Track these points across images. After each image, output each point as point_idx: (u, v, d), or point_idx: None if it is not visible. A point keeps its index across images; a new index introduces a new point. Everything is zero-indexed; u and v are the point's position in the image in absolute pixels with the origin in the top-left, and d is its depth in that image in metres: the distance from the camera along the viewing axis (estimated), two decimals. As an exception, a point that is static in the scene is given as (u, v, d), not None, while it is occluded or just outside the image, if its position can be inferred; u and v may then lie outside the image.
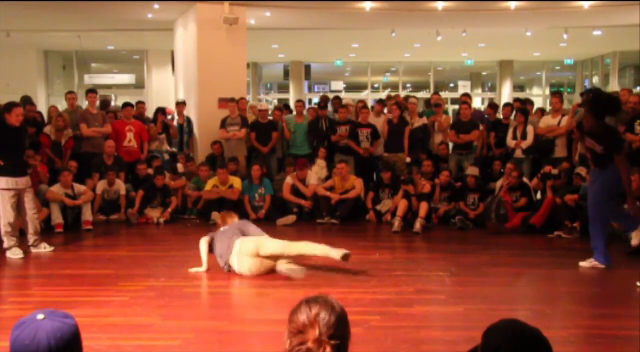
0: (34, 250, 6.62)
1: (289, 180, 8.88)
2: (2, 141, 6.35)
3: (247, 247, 5.49)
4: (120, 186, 8.67)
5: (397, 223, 7.86)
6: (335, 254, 5.52)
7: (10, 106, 6.47)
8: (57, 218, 7.80)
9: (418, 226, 7.78)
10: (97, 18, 12.36)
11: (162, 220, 8.54)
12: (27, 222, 6.61)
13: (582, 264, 5.97)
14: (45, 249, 6.68)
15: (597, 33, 13.50)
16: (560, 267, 6.17)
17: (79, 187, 8.13)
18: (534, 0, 10.74)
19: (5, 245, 6.47)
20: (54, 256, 6.59)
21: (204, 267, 5.71)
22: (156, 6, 10.83)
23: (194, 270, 5.70)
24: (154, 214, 8.62)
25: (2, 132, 6.38)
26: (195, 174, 9.29)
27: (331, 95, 14.81)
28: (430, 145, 9.72)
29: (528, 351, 1.68)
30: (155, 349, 3.85)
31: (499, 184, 8.58)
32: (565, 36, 13.20)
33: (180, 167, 9.51)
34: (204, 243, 5.81)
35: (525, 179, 8.35)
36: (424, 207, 7.96)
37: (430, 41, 14.55)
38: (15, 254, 6.40)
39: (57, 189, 7.92)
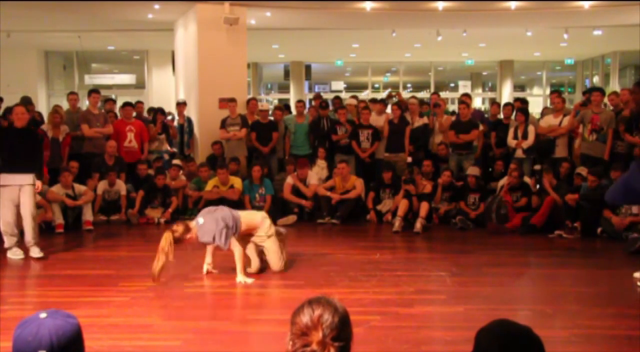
0: (30, 253, 6.44)
1: (289, 180, 8.88)
2: (7, 142, 6.39)
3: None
4: (121, 186, 8.68)
5: (397, 223, 7.85)
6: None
7: (11, 108, 6.65)
8: (58, 218, 7.80)
9: (418, 225, 7.78)
10: (97, 18, 12.35)
11: (162, 220, 8.54)
12: (23, 222, 6.50)
13: (637, 274, 5.44)
14: (36, 254, 6.36)
15: (597, 33, 13.49)
16: (561, 267, 6.18)
17: (79, 188, 8.13)
18: (534, 0, 10.73)
19: (6, 244, 6.43)
20: (54, 256, 6.58)
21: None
22: (156, 6, 10.82)
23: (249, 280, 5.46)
24: (155, 214, 8.63)
25: (6, 133, 6.49)
26: (195, 174, 9.29)
27: (331, 95, 14.81)
28: (430, 145, 9.72)
29: (516, 350, 1.68)
30: (156, 349, 3.85)
31: (500, 183, 8.58)
32: (565, 36, 13.19)
33: (178, 162, 9.50)
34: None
35: (526, 179, 8.36)
36: (424, 207, 7.96)
37: (430, 41, 14.54)
38: (15, 255, 6.36)
39: (57, 189, 7.93)
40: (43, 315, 1.71)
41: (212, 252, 5.68)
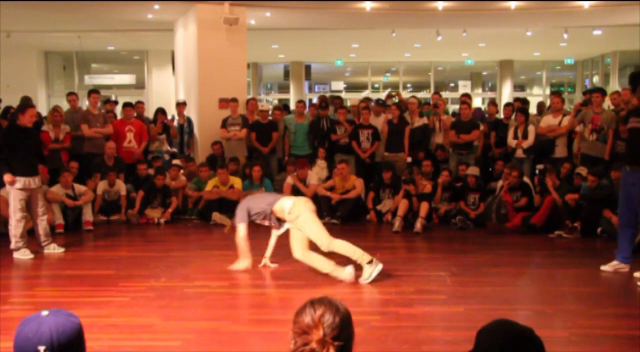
0: (46, 251, 6.62)
1: (289, 180, 8.88)
2: (13, 141, 6.43)
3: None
4: (121, 187, 8.68)
5: (397, 223, 7.85)
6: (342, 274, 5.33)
7: (24, 107, 6.60)
8: (58, 218, 7.80)
9: (418, 225, 7.78)
10: (97, 18, 12.35)
11: (162, 220, 8.54)
12: (37, 223, 6.62)
13: (604, 267, 5.67)
14: (54, 249, 6.66)
15: (597, 33, 13.50)
16: (561, 266, 6.18)
17: (79, 188, 8.13)
18: (534, 0, 10.74)
19: (13, 246, 6.45)
20: (55, 256, 6.58)
21: (247, 261, 5.63)
22: (156, 6, 10.82)
23: (236, 266, 5.63)
24: (155, 214, 8.62)
25: (14, 132, 6.50)
26: (195, 174, 9.29)
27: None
28: (430, 145, 9.71)
29: (516, 351, 1.68)
30: (156, 350, 3.85)
31: (499, 183, 8.58)
32: (565, 36, 13.20)
33: (178, 162, 9.50)
34: (243, 230, 5.55)
35: (525, 179, 8.35)
36: (424, 207, 7.96)
37: (430, 41, 14.54)
38: (24, 255, 6.38)
39: (57, 190, 7.93)
40: (45, 313, 1.74)
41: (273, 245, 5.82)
